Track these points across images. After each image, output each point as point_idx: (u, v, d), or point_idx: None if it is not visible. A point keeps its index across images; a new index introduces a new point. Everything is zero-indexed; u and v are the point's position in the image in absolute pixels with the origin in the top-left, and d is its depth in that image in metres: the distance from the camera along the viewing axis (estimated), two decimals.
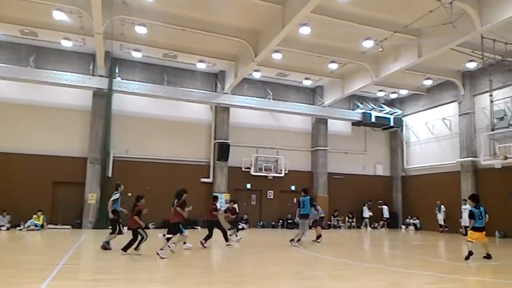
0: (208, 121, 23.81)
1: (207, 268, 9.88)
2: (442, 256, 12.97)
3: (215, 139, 23.36)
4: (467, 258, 10.83)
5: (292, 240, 13.89)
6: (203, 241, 13.08)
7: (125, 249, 10.70)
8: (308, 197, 13.88)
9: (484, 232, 11.22)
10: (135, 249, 10.89)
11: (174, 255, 10.77)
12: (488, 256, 11.19)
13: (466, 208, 20.46)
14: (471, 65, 20.59)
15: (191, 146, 23.21)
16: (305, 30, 16.97)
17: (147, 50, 20.54)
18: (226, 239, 13.86)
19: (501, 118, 18.27)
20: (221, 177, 23.11)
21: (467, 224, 20.19)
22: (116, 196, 11.72)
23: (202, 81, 23.55)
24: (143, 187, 20.81)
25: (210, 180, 23.12)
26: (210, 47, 19.95)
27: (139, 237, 10.95)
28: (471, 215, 11.25)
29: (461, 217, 20.91)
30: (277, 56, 19.89)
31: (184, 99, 22.46)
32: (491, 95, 17.14)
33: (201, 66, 22.34)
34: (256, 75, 23.43)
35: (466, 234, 19.91)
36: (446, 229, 22.36)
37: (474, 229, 11.20)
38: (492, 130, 17.07)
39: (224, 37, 18.01)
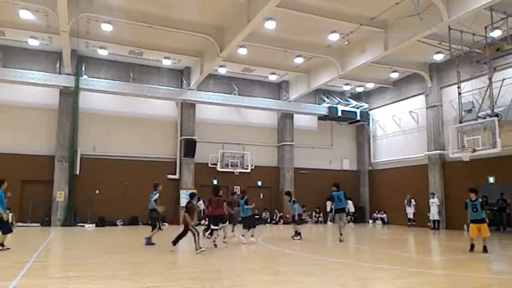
0: (174, 117, 23.44)
1: (172, 264, 9.66)
2: (410, 251, 12.87)
3: (181, 135, 23.04)
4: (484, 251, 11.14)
5: (341, 235, 13.79)
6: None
7: (174, 242, 11.19)
8: (342, 192, 14.07)
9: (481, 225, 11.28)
10: (197, 249, 10.90)
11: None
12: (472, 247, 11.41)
13: (434, 201, 20.69)
14: (438, 57, 20.50)
15: (158, 143, 22.95)
16: (270, 25, 16.52)
17: (113, 48, 20.38)
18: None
19: (469, 111, 18.14)
20: (187, 173, 22.77)
21: (436, 218, 20.53)
22: (156, 195, 12.78)
23: (168, 77, 23.29)
24: (111, 184, 21.27)
25: (176, 176, 22.81)
26: (176, 44, 19.80)
27: (192, 234, 11.10)
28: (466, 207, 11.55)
29: (429, 211, 20.90)
30: (243, 51, 19.49)
31: (150, 96, 22.21)
32: (459, 87, 17.00)
33: (166, 62, 22.00)
34: (222, 71, 23.04)
35: (434, 228, 20.25)
36: (414, 223, 22.29)
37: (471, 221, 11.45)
38: (460, 122, 16.93)
39: (189, 33, 17.81)
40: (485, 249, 11.31)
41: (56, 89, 20.67)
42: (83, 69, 21.15)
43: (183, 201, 21.66)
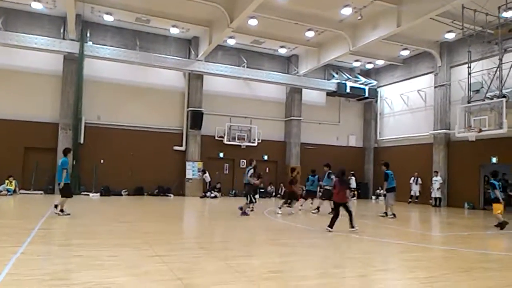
0: (181, 88, 23.22)
1: (181, 234, 9.85)
2: (412, 226, 13.10)
3: (188, 107, 22.85)
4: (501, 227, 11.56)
5: (385, 213, 14.13)
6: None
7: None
8: (391, 172, 13.98)
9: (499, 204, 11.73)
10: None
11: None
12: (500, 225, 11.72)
13: (437, 179, 20.95)
14: (450, 36, 20.33)
15: (164, 113, 22.75)
16: None
17: (119, 14, 19.84)
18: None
19: (477, 91, 18.14)
20: (194, 145, 22.78)
21: (438, 195, 20.87)
22: (251, 171, 13.54)
23: (176, 47, 22.87)
24: (116, 154, 21.18)
25: (183, 148, 22.83)
26: (184, 12, 19.31)
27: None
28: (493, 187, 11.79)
29: (431, 189, 21.22)
30: (253, 22, 19.20)
31: (157, 65, 21.84)
32: (469, 67, 16.95)
33: (174, 31, 21.49)
34: (231, 42, 22.71)
35: (435, 205, 20.63)
36: (416, 200, 22.60)
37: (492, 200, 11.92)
38: (468, 102, 16.97)
39: (198, 1, 17.33)
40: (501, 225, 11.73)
41: (60, 55, 20.20)
42: (88, 35, 20.58)
43: (189, 173, 22.24)
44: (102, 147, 20.84)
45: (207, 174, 22.43)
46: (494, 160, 19.37)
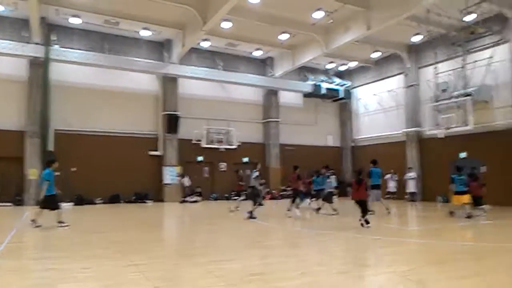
0: (155, 92, 22.93)
1: (159, 242, 9.66)
2: (389, 221, 13.37)
3: (163, 110, 22.56)
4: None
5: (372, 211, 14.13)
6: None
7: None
8: (379, 169, 14.16)
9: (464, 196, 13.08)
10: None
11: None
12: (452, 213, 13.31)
13: (411, 175, 21.66)
14: (417, 38, 21.13)
15: (138, 118, 22.28)
16: None
17: (86, 16, 19.25)
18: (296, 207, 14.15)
19: (444, 90, 18.96)
20: (171, 150, 22.55)
21: (413, 190, 21.59)
22: (256, 173, 13.80)
23: (147, 50, 22.45)
24: (89, 161, 20.40)
25: (159, 153, 22.53)
26: (155, 14, 19.08)
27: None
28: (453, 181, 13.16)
29: (406, 185, 21.87)
30: (227, 25, 19.34)
31: (128, 69, 21.38)
32: (435, 68, 17.64)
33: (145, 34, 21.20)
34: (205, 45, 22.60)
35: (411, 200, 21.30)
36: (395, 195, 23.17)
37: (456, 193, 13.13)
38: (436, 101, 17.69)
39: (169, 3, 17.20)
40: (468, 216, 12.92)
41: (24, 60, 19.23)
42: (54, 38, 19.61)
43: (167, 178, 22.07)
44: (74, 155, 19.75)
45: (186, 178, 22.41)
46: (463, 155, 20.16)
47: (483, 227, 12.13)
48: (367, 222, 10.69)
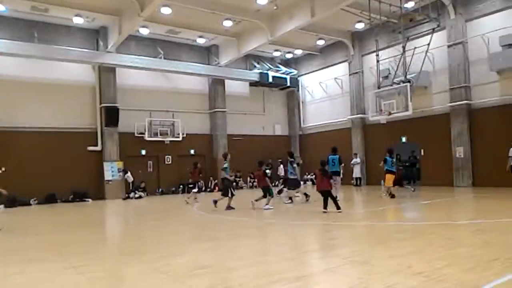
0: (91, 83, 21.45)
1: (101, 242, 9.13)
2: (335, 206, 13.52)
3: (101, 103, 21.28)
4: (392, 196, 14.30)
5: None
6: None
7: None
8: (337, 156, 14.34)
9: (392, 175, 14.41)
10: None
11: None
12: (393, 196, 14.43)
13: (357, 161, 22.17)
14: (360, 26, 21.50)
15: (73, 111, 20.78)
16: None
17: (10, 2, 17.66)
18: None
19: (386, 77, 19.43)
20: (111, 144, 21.37)
21: (358, 176, 22.10)
22: (226, 164, 13.71)
23: (81, 38, 20.93)
24: (21, 160, 18.94)
25: (98, 148, 21.23)
26: (88, 0, 17.81)
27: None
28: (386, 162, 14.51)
29: (352, 170, 22.33)
30: (166, 10, 18.54)
31: (60, 59, 19.80)
32: (377, 55, 17.96)
33: (78, 21, 19.69)
34: (144, 32, 21.44)
35: (356, 185, 21.81)
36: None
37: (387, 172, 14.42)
38: (378, 88, 18.04)
39: None
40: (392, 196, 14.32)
41: None
42: None
43: (108, 174, 21.00)
44: (2, 154, 18.32)
45: (129, 174, 21.30)
46: (404, 139, 20.96)
47: (421, 207, 12.58)
48: (338, 208, 10.99)
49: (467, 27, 18.19)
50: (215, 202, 13.50)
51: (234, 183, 24.34)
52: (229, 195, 13.35)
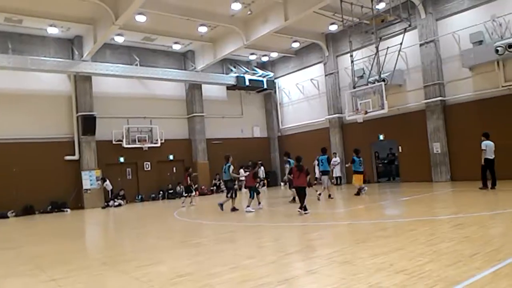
0: (67, 92, 21.25)
1: (81, 252, 8.99)
2: (317, 207, 13.62)
3: (77, 112, 21.07)
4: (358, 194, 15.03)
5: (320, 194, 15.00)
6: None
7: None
8: (326, 156, 14.94)
9: (361, 175, 15.08)
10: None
11: None
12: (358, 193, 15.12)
13: (336, 160, 22.41)
14: (333, 28, 21.87)
15: (50, 121, 20.57)
16: None
17: None
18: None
19: (361, 77, 19.80)
20: (89, 153, 21.13)
21: (338, 175, 22.33)
22: (230, 167, 13.84)
23: (56, 48, 20.77)
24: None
25: (76, 157, 21.03)
26: (62, 10, 17.69)
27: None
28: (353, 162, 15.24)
29: (333, 169, 22.52)
30: (141, 18, 18.49)
31: (35, 69, 19.50)
32: (351, 56, 18.27)
33: (53, 31, 19.53)
34: (119, 40, 21.38)
35: (337, 184, 22.02)
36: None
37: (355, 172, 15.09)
38: (354, 87, 18.34)
39: None
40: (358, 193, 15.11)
41: None
42: None
43: (86, 183, 20.72)
44: None
45: (107, 182, 21.04)
46: (381, 137, 21.35)
47: (402, 203, 12.84)
48: (305, 209, 10.88)
49: (438, 26, 18.67)
50: (221, 205, 13.69)
51: (215, 186, 24.56)
52: (233, 196, 13.60)
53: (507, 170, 15.27)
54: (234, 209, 13.34)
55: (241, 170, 20.35)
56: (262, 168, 25.81)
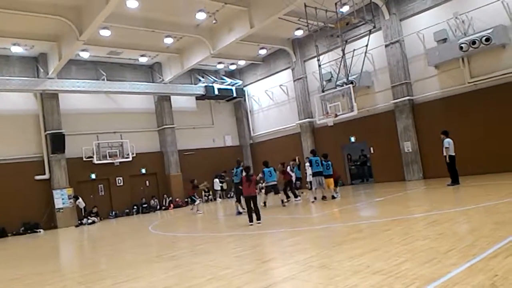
0: (34, 111, 20.81)
1: (55, 272, 8.73)
2: (293, 212, 13.77)
3: (45, 130, 20.63)
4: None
5: (315, 198, 15.27)
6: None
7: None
8: (318, 157, 15.27)
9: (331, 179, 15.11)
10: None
11: None
12: (324, 198, 15.08)
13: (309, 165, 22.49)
14: (299, 33, 22.10)
15: (17, 141, 20.08)
16: (132, 4, 15.90)
17: None
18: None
19: (329, 80, 20.06)
20: (59, 171, 20.64)
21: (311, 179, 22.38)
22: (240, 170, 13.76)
23: (21, 66, 20.38)
24: None
25: (46, 176, 20.53)
26: (25, 28, 17.32)
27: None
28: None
29: (305, 174, 22.64)
30: (106, 33, 18.27)
31: (1, 89, 19.06)
32: (318, 60, 18.48)
33: (16, 50, 19.18)
34: (84, 55, 21.11)
35: (311, 188, 22.08)
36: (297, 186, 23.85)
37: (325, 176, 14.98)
38: (323, 91, 18.52)
39: (40, 16, 15.76)
40: (332, 197, 15.02)
41: None
42: None
43: (58, 202, 20.19)
44: None
45: (80, 200, 20.56)
46: (352, 139, 21.65)
47: (376, 204, 13.03)
48: (258, 219, 10.92)
49: (402, 26, 19.12)
50: (239, 213, 13.95)
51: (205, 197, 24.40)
52: (240, 200, 13.92)
53: (474, 165, 15.79)
54: (239, 213, 13.79)
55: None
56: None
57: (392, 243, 6.39)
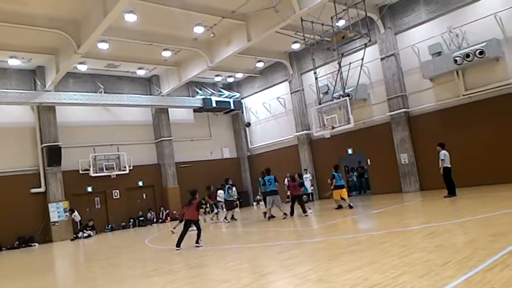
0: (30, 123, 20.76)
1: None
2: (290, 225, 13.66)
3: (42, 143, 20.56)
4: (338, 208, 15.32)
5: (265, 214, 15.48)
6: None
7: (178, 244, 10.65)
8: (273, 176, 15.43)
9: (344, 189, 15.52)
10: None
11: None
12: (340, 207, 15.36)
13: (307, 176, 22.57)
14: (296, 46, 22.33)
15: (13, 154, 19.98)
16: (131, 18, 15.96)
17: None
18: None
19: (326, 93, 20.21)
20: (55, 184, 20.53)
21: (310, 191, 22.42)
22: (233, 187, 16.30)
23: (18, 79, 20.39)
24: None
25: (42, 189, 20.40)
26: (23, 41, 17.38)
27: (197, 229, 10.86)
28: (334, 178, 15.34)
29: (304, 185, 22.64)
30: (104, 46, 18.37)
31: None
32: (315, 73, 18.67)
33: (14, 62, 19.24)
34: (82, 68, 21.16)
35: (308, 200, 22.09)
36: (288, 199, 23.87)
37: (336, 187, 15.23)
38: (319, 103, 18.64)
39: (38, 29, 15.86)
40: (350, 207, 14.94)
41: None
42: None
43: (54, 216, 20.07)
44: None
45: (75, 213, 20.37)
46: (349, 151, 21.74)
47: (373, 216, 13.01)
48: (197, 243, 10.69)
49: (397, 40, 19.38)
50: (270, 217, 14.96)
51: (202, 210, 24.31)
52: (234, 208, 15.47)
53: (470, 177, 15.85)
54: (272, 217, 14.81)
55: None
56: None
57: (389, 255, 6.36)
